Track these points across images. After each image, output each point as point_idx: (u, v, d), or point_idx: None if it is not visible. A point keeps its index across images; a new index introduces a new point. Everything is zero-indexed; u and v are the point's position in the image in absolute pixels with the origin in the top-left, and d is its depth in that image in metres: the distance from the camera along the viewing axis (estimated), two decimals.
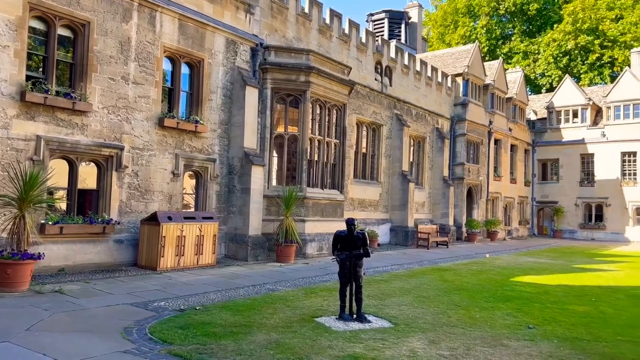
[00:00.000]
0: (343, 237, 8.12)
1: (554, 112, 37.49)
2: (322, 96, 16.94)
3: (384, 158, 23.19)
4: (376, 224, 22.43)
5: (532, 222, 37.93)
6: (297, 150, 16.45)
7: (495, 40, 53.08)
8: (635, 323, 8.61)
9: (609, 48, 46.84)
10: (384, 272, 14.06)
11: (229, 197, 15.28)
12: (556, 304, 10.13)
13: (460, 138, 28.45)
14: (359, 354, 6.14)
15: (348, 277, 7.99)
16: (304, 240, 15.95)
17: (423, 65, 25.99)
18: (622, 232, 34.01)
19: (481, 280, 13.25)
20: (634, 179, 33.89)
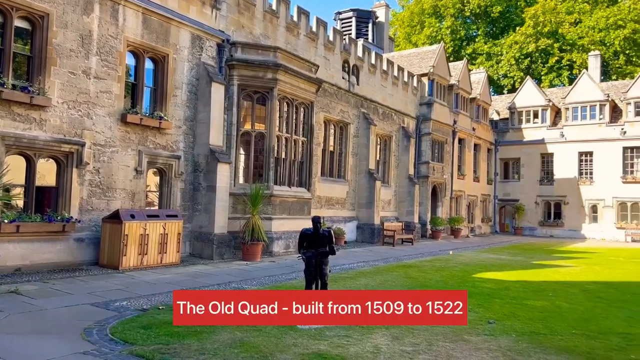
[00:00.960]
0: (309, 235, 8.16)
1: (516, 113, 38.54)
2: (290, 94, 16.91)
3: (351, 156, 23.35)
4: (343, 221, 22.58)
5: (494, 219, 38.92)
6: (264, 148, 16.39)
7: (460, 41, 54.13)
8: (588, 317, 8.97)
9: (568, 51, 48.47)
10: (350, 269, 14.18)
11: (194, 194, 15.09)
12: (515, 299, 10.44)
13: (426, 137, 28.91)
14: (323, 351, 6.18)
15: (314, 275, 8.04)
16: (271, 238, 15.91)
17: (390, 65, 26.27)
18: (579, 229, 35.30)
19: (444, 276, 13.53)
20: (591, 178, 35.20)
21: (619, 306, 10.11)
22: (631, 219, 33.60)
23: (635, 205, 33.43)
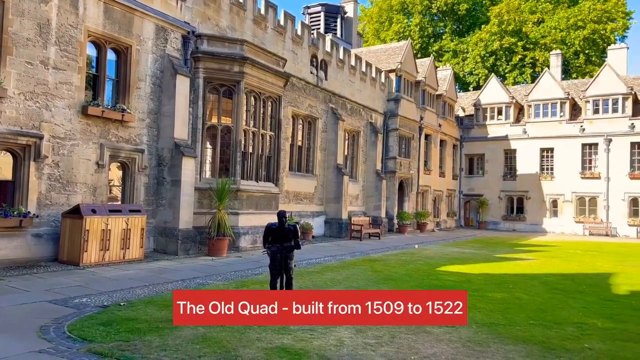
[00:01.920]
0: (274, 229, 8.13)
1: (481, 109, 39.33)
2: (257, 87, 16.77)
3: (319, 151, 23.38)
4: (311, 216, 22.61)
5: (459, 214, 39.69)
6: (231, 142, 16.22)
7: (428, 38, 54.82)
8: (546, 308, 9.26)
9: (531, 50, 49.75)
10: (316, 263, 14.21)
11: (159, 189, 14.81)
12: (477, 291, 10.68)
13: (393, 133, 29.19)
14: (287, 345, 6.18)
15: (279, 270, 8.02)
16: (237, 233, 15.80)
17: (358, 61, 26.38)
18: (540, 223, 36.38)
19: (409, 270, 13.72)
20: (551, 174, 36.29)
21: (575, 297, 10.47)
22: (589, 213, 34.83)
23: (593, 200, 34.68)
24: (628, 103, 33.75)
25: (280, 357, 5.78)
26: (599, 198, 34.35)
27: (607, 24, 48.35)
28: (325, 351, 6.03)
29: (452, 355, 6.07)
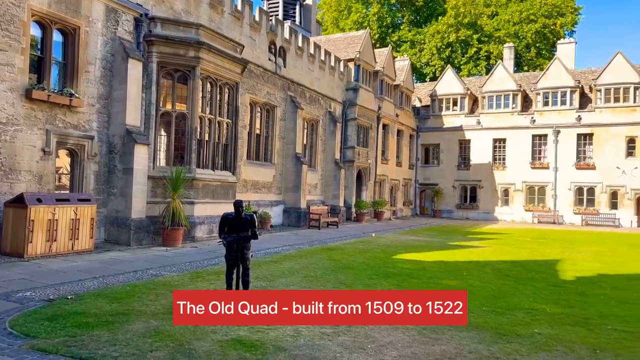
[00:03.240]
0: (230, 219, 7.94)
1: (437, 100, 40.01)
2: (213, 73, 16.37)
3: (278, 140, 23.15)
4: (269, 205, 22.43)
5: (415, 202, 40.44)
6: (186, 129, 15.79)
7: (386, 28, 55.16)
8: (498, 294, 9.52)
9: (486, 42, 50.94)
10: (274, 253, 14.10)
11: (110, 177, 14.26)
12: (432, 279, 10.87)
13: (352, 122, 29.28)
14: (243, 337, 6.06)
15: (235, 260, 7.85)
16: (193, 223, 15.46)
17: (317, 49, 26.20)
18: (492, 212, 37.54)
19: (366, 258, 13.83)
20: (503, 164, 37.44)
21: (525, 283, 10.81)
22: (538, 202, 36.21)
23: (542, 189, 36.05)
24: (575, 96, 35.14)
25: (235, 349, 5.66)
26: (547, 187, 35.75)
27: (557, 19, 50.07)
28: (282, 342, 5.95)
29: (408, 343, 6.12)
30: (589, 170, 34.41)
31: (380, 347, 5.92)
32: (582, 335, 6.79)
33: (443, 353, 5.81)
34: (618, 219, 33.14)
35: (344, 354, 5.65)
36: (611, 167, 33.56)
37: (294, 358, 5.45)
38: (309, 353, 5.62)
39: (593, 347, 6.24)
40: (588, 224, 33.59)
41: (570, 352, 6.02)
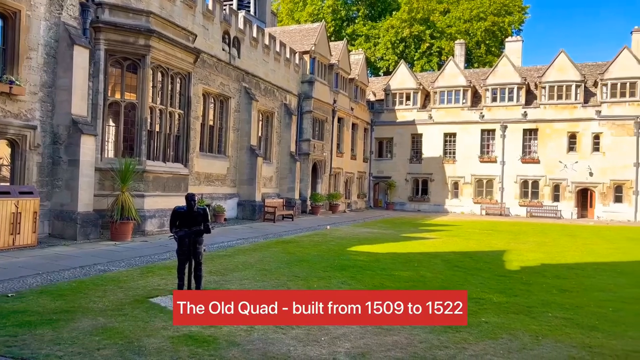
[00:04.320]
0: (182, 213, 7.77)
1: (390, 95, 40.56)
2: (165, 62, 15.92)
3: (232, 131, 22.83)
4: (223, 198, 22.12)
5: (369, 195, 40.97)
6: (136, 120, 15.31)
7: (341, 21, 55.33)
8: (448, 285, 9.79)
9: (438, 38, 52.04)
10: (228, 247, 13.94)
11: (54, 169, 13.64)
12: (385, 270, 11.06)
13: (307, 115, 29.26)
14: (194, 333, 5.97)
15: (187, 255, 7.70)
16: (143, 216, 15.05)
17: (272, 40, 25.96)
18: (443, 204, 38.56)
19: (321, 251, 13.90)
20: (453, 157, 38.48)
21: (473, 274, 11.18)
22: (486, 194, 37.48)
23: (490, 182, 37.33)
24: (522, 92, 36.51)
25: (187, 345, 5.57)
26: (495, 180, 37.04)
27: (506, 17, 51.76)
28: (235, 337, 5.90)
29: (361, 334, 6.20)
30: (533, 164, 35.90)
31: (334, 339, 5.97)
32: (525, 322, 7.09)
33: (395, 343, 5.92)
34: (560, 211, 34.80)
35: (298, 347, 5.66)
36: (554, 162, 35.17)
37: (247, 353, 5.41)
38: (262, 347, 5.60)
39: (535, 334, 6.53)
40: (532, 215, 35.09)
41: (514, 339, 6.27)
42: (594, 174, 34.17)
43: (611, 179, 33.80)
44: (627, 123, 33.45)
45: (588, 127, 34.53)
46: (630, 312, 7.96)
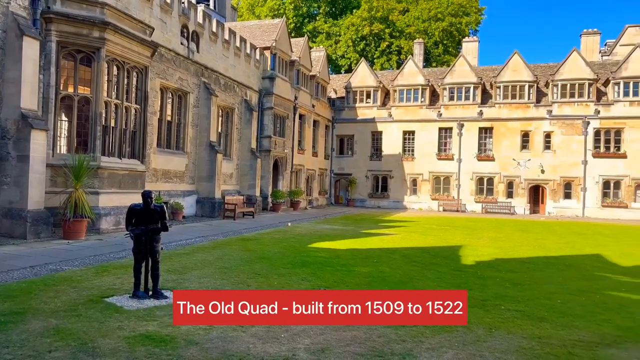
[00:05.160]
0: (138, 210, 7.60)
1: (351, 92, 40.87)
2: (120, 56, 15.48)
3: (191, 127, 22.44)
4: (182, 195, 21.74)
5: (330, 192, 41.19)
6: (90, 115, 14.82)
7: (302, 17, 55.26)
8: (406, 280, 9.99)
9: (397, 38, 52.76)
10: (187, 245, 13.73)
11: (2, 165, 13.05)
12: (345, 266, 11.16)
13: (268, 111, 29.10)
14: (152, 332, 5.86)
15: (144, 253, 7.54)
16: (98, 214, 14.61)
17: (232, 35, 25.66)
18: (402, 201, 39.21)
19: (282, 248, 13.89)
20: (412, 155, 39.17)
21: (430, 269, 11.44)
22: (443, 191, 38.36)
23: (447, 179, 38.23)
24: (478, 92, 37.52)
25: (144, 345, 5.46)
26: (452, 177, 37.96)
27: (463, 18, 53.01)
28: (193, 336, 5.83)
29: (321, 330, 6.24)
30: (488, 161, 37.00)
31: (294, 336, 5.99)
32: (479, 315, 7.32)
33: (354, 338, 6.00)
34: (513, 207, 36.02)
35: (257, 344, 5.65)
36: (508, 159, 36.36)
37: (205, 351, 5.36)
38: (222, 345, 5.56)
39: (489, 327, 6.75)
40: (487, 211, 36.17)
41: (469, 332, 6.47)
42: (545, 172, 35.55)
43: (561, 176, 35.26)
44: (576, 122, 34.95)
45: (540, 126, 35.87)
46: (577, 304, 8.35)
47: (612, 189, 34.48)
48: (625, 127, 34.06)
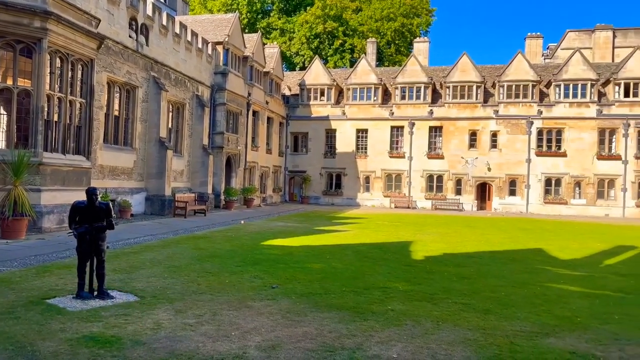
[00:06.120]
0: (83, 208, 7.32)
1: (305, 90, 40.90)
2: (64, 47, 14.83)
3: (139, 123, 21.80)
4: (130, 193, 21.09)
5: (284, 189, 41.11)
6: (31, 108, 14.11)
7: (256, 13, 54.76)
8: (357, 275, 10.11)
9: (351, 36, 53.21)
10: (135, 243, 13.34)
11: None
12: (298, 263, 11.18)
13: (221, 107, 28.68)
14: (96, 333, 5.67)
15: (88, 252, 7.27)
16: (40, 212, 13.96)
17: (183, 29, 25.10)
18: (355, 198, 39.65)
19: (234, 246, 13.74)
20: (365, 153, 39.67)
21: (381, 264, 11.63)
22: (395, 188, 39.07)
23: (399, 177, 38.96)
24: (428, 91, 38.42)
25: (88, 347, 5.26)
26: (403, 175, 38.73)
27: (414, 19, 54.10)
28: (140, 336, 5.67)
29: (272, 327, 6.23)
30: (438, 159, 37.99)
31: (244, 334, 5.94)
32: (428, 309, 7.51)
33: (305, 334, 6.02)
34: (462, 204, 37.17)
35: (207, 343, 5.57)
36: (457, 157, 37.47)
37: (153, 352, 5.23)
38: (170, 345, 5.44)
39: (437, 320, 6.94)
40: (437, 208, 37.15)
41: (417, 325, 6.63)
42: (492, 169, 36.88)
43: (506, 173, 36.68)
44: (521, 122, 36.44)
45: (487, 126, 37.16)
46: (520, 296, 8.71)
47: (553, 186, 36.21)
48: (565, 127, 35.83)
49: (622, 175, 34.92)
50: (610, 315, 7.46)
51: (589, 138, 35.53)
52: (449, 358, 5.41)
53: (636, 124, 34.81)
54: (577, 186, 35.90)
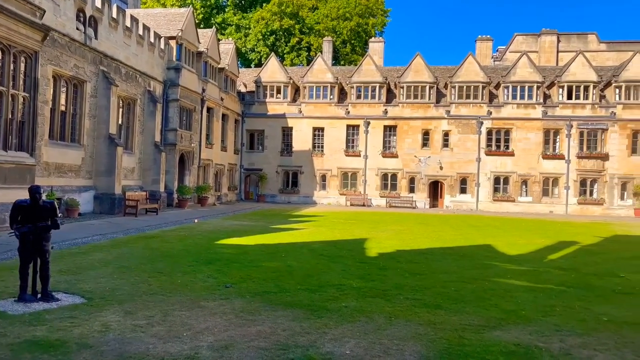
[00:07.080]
0: (25, 207, 7.00)
1: (261, 87, 40.59)
2: (6, 39, 14.11)
3: (87, 118, 21.03)
4: (77, 191, 20.32)
5: (240, 187, 40.69)
6: None
7: (210, 8, 53.87)
8: (312, 273, 10.14)
9: (307, 34, 53.23)
10: (82, 244, 12.88)
11: None
12: (253, 262, 11.10)
13: (173, 103, 28.07)
14: (40, 337, 5.44)
15: (31, 253, 6.96)
16: None
17: (134, 22, 24.38)
18: (312, 196, 39.74)
19: (187, 245, 13.50)
20: (322, 151, 39.81)
21: (336, 261, 11.72)
22: (350, 186, 39.44)
23: (354, 175, 39.35)
24: (383, 91, 38.98)
25: (30, 351, 5.05)
26: (358, 173, 39.14)
27: (369, 19, 54.71)
28: (87, 339, 5.49)
29: (225, 327, 6.17)
30: (392, 158, 38.63)
31: (197, 334, 5.86)
32: (380, 305, 7.64)
33: (258, 333, 5.99)
34: (415, 202, 37.95)
35: (158, 344, 5.45)
36: (410, 156, 38.21)
37: (100, 355, 5.07)
38: (118, 348, 5.29)
39: (389, 315, 7.07)
40: (391, 206, 37.78)
41: (370, 321, 6.73)
42: (444, 168, 37.84)
43: (457, 172, 37.73)
44: (471, 122, 37.57)
45: (439, 125, 38.08)
46: (469, 291, 8.99)
47: (502, 185, 37.55)
48: (513, 127, 37.22)
49: (565, 173, 36.64)
50: (552, 308, 7.82)
51: (535, 138, 37.06)
52: (401, 353, 5.52)
53: (578, 125, 36.60)
54: (524, 184, 37.38)
